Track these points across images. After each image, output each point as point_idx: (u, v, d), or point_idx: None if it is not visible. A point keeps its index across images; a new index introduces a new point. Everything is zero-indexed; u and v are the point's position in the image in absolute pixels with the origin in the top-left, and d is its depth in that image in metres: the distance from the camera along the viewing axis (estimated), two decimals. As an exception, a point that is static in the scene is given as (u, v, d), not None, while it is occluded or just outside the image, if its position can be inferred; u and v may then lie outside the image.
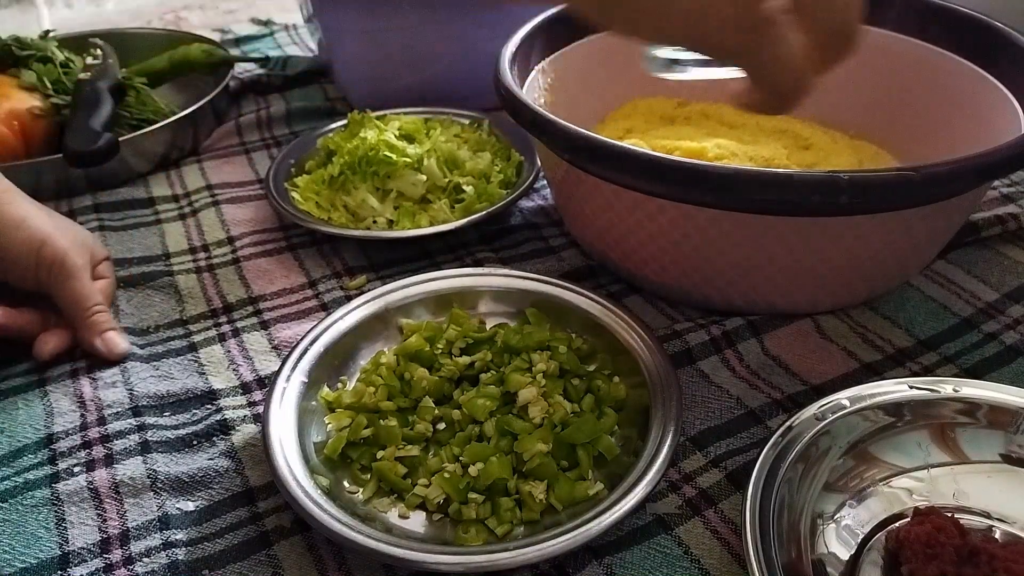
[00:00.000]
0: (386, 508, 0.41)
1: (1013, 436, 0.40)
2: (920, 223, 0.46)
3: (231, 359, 0.51)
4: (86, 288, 0.50)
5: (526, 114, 0.49)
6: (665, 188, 0.44)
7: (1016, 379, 0.47)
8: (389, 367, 0.47)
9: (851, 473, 0.39)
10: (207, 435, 0.45)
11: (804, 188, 0.41)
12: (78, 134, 0.63)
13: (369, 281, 0.57)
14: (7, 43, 0.75)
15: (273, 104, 0.81)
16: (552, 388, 0.44)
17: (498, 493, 0.40)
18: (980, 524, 0.38)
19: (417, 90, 0.76)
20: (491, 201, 0.61)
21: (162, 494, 0.42)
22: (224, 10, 1.24)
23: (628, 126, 0.64)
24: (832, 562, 0.36)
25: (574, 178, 0.51)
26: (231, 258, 0.60)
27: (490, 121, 0.71)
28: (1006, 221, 0.58)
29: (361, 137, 0.63)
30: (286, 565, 0.38)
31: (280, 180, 0.65)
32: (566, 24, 0.62)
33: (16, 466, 0.43)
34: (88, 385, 0.48)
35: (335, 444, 0.42)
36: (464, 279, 0.52)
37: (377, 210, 0.61)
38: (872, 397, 0.41)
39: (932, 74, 0.58)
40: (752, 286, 0.49)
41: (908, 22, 0.60)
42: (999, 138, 0.45)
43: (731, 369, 0.48)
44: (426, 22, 0.73)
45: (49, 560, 0.39)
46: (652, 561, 0.38)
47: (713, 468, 0.42)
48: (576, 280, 0.52)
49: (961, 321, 0.51)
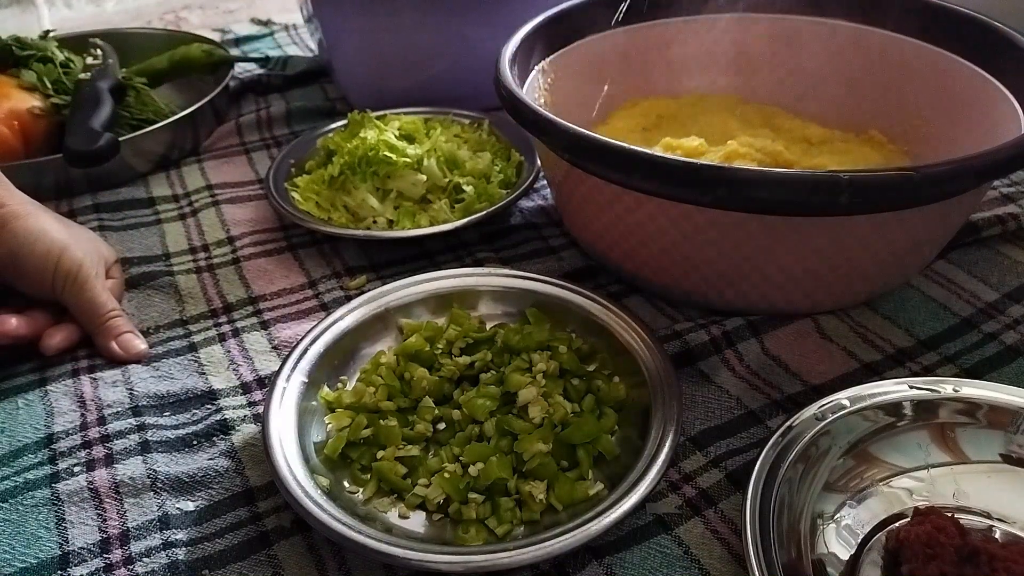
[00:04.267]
0: (386, 508, 0.41)
1: (1013, 436, 0.40)
2: (920, 223, 0.46)
3: (231, 359, 0.51)
4: (101, 296, 0.51)
5: (526, 114, 0.49)
6: (665, 188, 0.44)
7: (1016, 379, 0.47)
8: (389, 367, 0.47)
9: (851, 473, 0.39)
10: (207, 435, 0.45)
11: (804, 188, 0.41)
12: (78, 134, 0.63)
13: (369, 281, 0.57)
14: (7, 43, 0.75)
15: (273, 104, 0.81)
16: (552, 388, 0.44)
17: (498, 493, 0.40)
18: (980, 524, 0.38)
19: (417, 90, 0.76)
20: (491, 201, 0.61)
21: (162, 494, 0.42)
22: (224, 10, 1.24)
23: (628, 126, 0.64)
24: (832, 562, 0.36)
25: (574, 178, 0.51)
26: (231, 258, 0.60)
27: (490, 121, 0.71)
28: (1006, 221, 0.58)
29: (361, 137, 0.63)
30: (286, 565, 0.38)
31: (280, 180, 0.65)
32: (566, 24, 0.62)
33: (16, 466, 0.43)
34: (88, 385, 0.48)
35: (335, 444, 0.42)
36: (464, 279, 0.52)
37: (377, 210, 0.61)
38: (872, 397, 0.41)
39: (932, 74, 0.58)
40: (752, 286, 0.49)
41: (909, 22, 0.60)
42: (999, 138, 0.45)
43: (731, 369, 0.48)
44: (426, 22, 0.73)
45: (49, 560, 0.39)
46: (652, 561, 0.38)
47: (713, 468, 0.42)
48: (576, 280, 0.52)
49: (961, 321, 0.51)
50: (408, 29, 0.73)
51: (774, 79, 0.67)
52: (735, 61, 0.68)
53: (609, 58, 0.65)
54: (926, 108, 0.59)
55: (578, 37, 0.63)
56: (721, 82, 0.68)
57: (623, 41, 0.65)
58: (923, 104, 0.59)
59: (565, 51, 0.62)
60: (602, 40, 0.64)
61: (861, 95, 0.63)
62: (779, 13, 0.65)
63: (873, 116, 0.62)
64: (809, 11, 0.64)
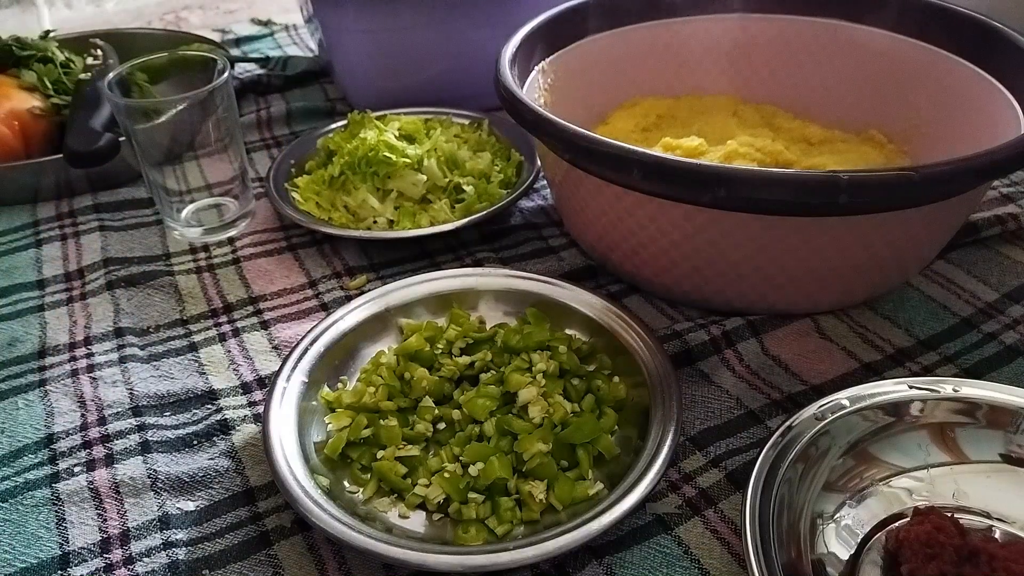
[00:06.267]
0: (386, 508, 0.41)
1: (1013, 436, 0.40)
2: (920, 223, 0.46)
3: (231, 359, 0.51)
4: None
5: (526, 114, 0.49)
6: (665, 188, 0.44)
7: (1016, 379, 0.47)
8: (389, 367, 0.47)
9: (851, 473, 0.39)
10: (207, 435, 0.45)
11: (803, 188, 0.41)
12: (78, 134, 0.63)
13: (369, 281, 0.57)
14: (7, 43, 0.75)
15: (273, 104, 0.81)
16: (552, 388, 0.44)
17: (498, 493, 0.40)
18: (980, 524, 0.38)
19: (417, 90, 0.76)
20: (491, 201, 0.61)
21: (162, 494, 0.42)
22: (224, 10, 1.24)
23: (628, 126, 0.64)
24: (832, 562, 0.36)
25: (574, 178, 0.51)
26: (231, 258, 0.60)
27: (490, 121, 0.71)
28: (1006, 221, 0.58)
29: (361, 137, 0.63)
30: (286, 565, 0.38)
31: (280, 180, 0.65)
32: (566, 24, 0.62)
33: (16, 466, 0.43)
34: (88, 385, 0.48)
35: (335, 444, 0.42)
36: (464, 279, 0.52)
37: (377, 210, 0.61)
38: (872, 397, 0.41)
39: (932, 74, 0.58)
40: (752, 286, 0.49)
41: (908, 23, 0.60)
42: (999, 138, 0.45)
43: (731, 369, 0.48)
44: (426, 22, 0.73)
45: (49, 560, 0.39)
46: (652, 561, 0.38)
47: (713, 468, 0.42)
48: (576, 280, 0.52)
49: (961, 321, 0.52)
50: (408, 29, 0.73)
51: (774, 79, 0.67)
52: (735, 61, 0.68)
53: (609, 58, 0.65)
54: (926, 108, 0.59)
55: (578, 37, 0.63)
56: (721, 82, 0.68)
57: (623, 41, 0.65)
58: (923, 104, 0.59)
59: (565, 51, 0.62)
60: (602, 40, 0.64)
61: (861, 95, 0.63)
62: (779, 13, 0.65)
63: (873, 116, 0.63)
64: (809, 11, 0.64)
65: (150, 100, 0.64)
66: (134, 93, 0.74)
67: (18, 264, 0.60)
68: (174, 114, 0.57)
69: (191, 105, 0.57)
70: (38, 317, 0.54)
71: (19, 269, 0.59)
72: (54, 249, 0.61)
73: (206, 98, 0.57)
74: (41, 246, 0.61)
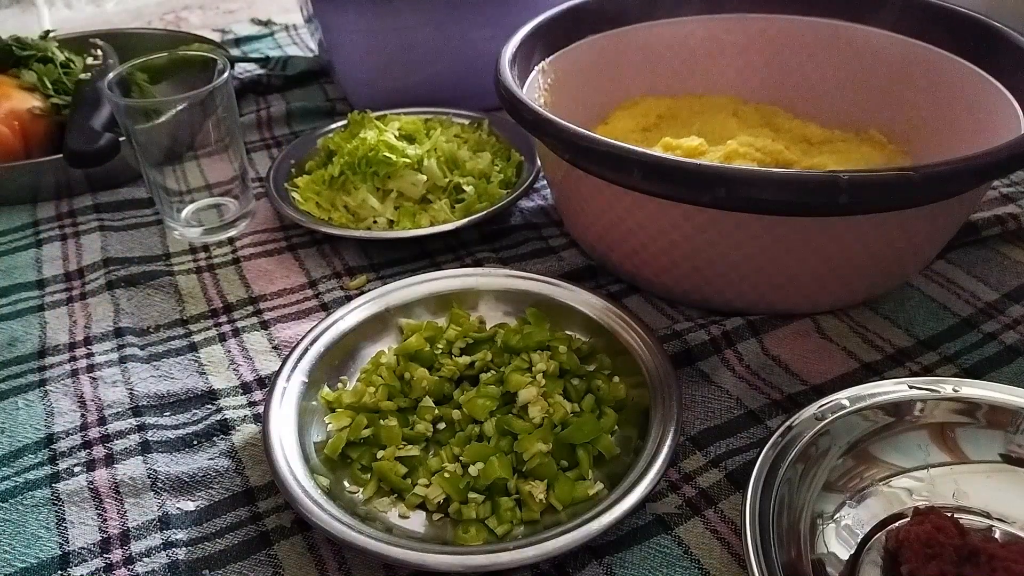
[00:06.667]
0: (386, 508, 0.41)
1: (1013, 436, 0.40)
2: (920, 223, 0.46)
3: (231, 359, 0.51)
4: None
5: (526, 114, 0.49)
6: (665, 188, 0.44)
7: (1016, 379, 0.47)
8: (389, 367, 0.47)
9: (851, 473, 0.39)
10: (207, 435, 0.45)
11: (803, 188, 0.41)
12: (78, 134, 0.63)
13: (369, 281, 0.57)
14: (7, 43, 0.75)
15: (273, 104, 0.81)
16: (552, 388, 0.44)
17: (498, 493, 0.40)
18: (980, 524, 0.38)
19: (417, 90, 0.76)
20: (491, 201, 0.61)
21: (162, 494, 0.42)
22: (224, 10, 1.24)
23: (628, 126, 0.64)
24: (832, 562, 0.36)
25: (574, 178, 0.51)
26: (231, 258, 0.60)
27: (490, 121, 0.71)
28: (1006, 221, 0.58)
29: (361, 137, 0.63)
30: (286, 565, 0.38)
31: (280, 180, 0.65)
32: (566, 24, 0.62)
33: (16, 466, 0.43)
34: (88, 385, 0.48)
35: (335, 444, 0.42)
36: (464, 279, 0.52)
37: (377, 210, 0.61)
38: (872, 397, 0.41)
39: (932, 74, 0.58)
40: (752, 286, 0.49)
41: (908, 22, 0.60)
42: (999, 138, 0.45)
43: (731, 369, 0.48)
44: (426, 22, 0.73)
45: (49, 560, 0.39)
46: (652, 561, 0.38)
47: (713, 468, 0.42)
48: (576, 280, 0.52)
49: (961, 321, 0.52)
50: (408, 29, 0.73)
51: (774, 79, 0.67)
52: (735, 61, 0.68)
53: (609, 58, 0.65)
54: (926, 108, 0.59)
55: (578, 37, 0.63)
56: (721, 82, 0.68)
57: (623, 41, 0.65)
58: (923, 104, 0.59)
59: (565, 51, 0.62)
60: (602, 40, 0.64)
61: (861, 95, 0.63)
62: (779, 13, 0.65)
63: (873, 116, 0.63)
64: (809, 11, 0.64)
65: (150, 100, 0.64)
66: (134, 93, 0.74)
67: (18, 264, 0.60)
68: (174, 114, 0.57)
69: (191, 105, 0.57)
70: (38, 317, 0.54)
71: (19, 269, 0.59)
72: (54, 249, 0.61)
73: (206, 98, 0.57)
74: (41, 246, 0.62)
